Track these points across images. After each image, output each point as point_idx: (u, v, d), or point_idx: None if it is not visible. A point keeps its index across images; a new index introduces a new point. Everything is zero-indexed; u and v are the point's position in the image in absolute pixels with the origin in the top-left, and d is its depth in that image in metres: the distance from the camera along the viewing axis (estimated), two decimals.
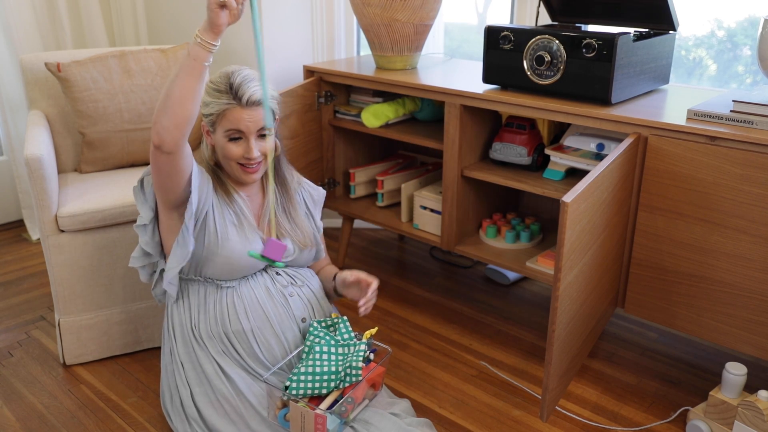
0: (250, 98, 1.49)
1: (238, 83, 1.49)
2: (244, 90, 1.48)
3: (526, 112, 1.87)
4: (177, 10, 2.90)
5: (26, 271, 2.59)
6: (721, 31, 2.21)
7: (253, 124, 1.51)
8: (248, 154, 1.52)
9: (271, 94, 1.55)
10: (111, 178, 2.10)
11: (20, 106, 2.83)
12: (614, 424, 1.76)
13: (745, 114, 1.57)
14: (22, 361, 2.02)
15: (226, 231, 1.55)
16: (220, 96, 1.50)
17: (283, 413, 1.45)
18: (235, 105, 1.49)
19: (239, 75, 1.51)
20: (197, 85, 1.35)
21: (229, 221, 1.56)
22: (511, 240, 2.14)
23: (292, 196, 1.69)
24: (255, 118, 1.51)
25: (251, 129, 1.51)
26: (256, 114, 1.51)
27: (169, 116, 1.35)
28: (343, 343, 1.53)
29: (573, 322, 1.63)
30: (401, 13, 2.18)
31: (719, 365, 1.98)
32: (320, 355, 1.48)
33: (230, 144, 1.53)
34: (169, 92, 1.35)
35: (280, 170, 1.68)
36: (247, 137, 1.52)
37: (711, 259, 1.65)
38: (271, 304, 1.57)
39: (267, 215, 1.63)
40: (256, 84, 1.51)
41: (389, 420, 1.46)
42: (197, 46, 1.33)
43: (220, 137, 1.53)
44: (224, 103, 1.49)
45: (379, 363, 1.52)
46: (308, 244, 1.67)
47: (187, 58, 1.34)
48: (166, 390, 1.64)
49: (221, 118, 1.51)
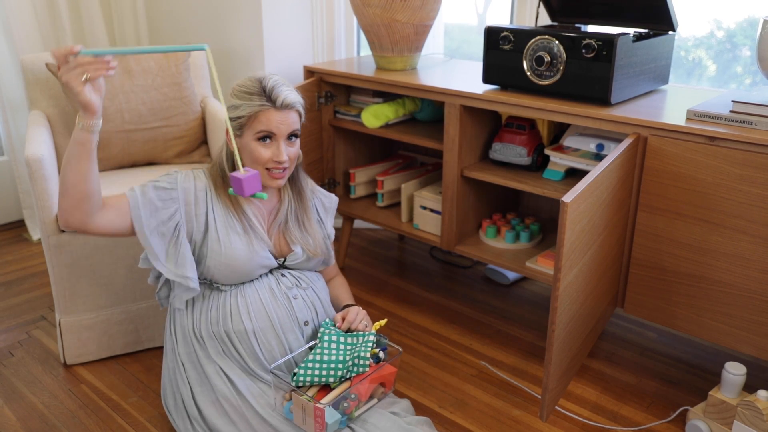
0: (284, 101, 1.50)
1: (271, 86, 1.50)
2: (278, 93, 1.50)
3: (526, 112, 1.87)
4: (177, 9, 2.90)
5: (27, 271, 2.59)
6: (721, 31, 2.22)
7: (285, 126, 1.51)
8: (278, 157, 1.51)
9: (302, 100, 1.57)
10: (111, 179, 2.10)
11: (21, 107, 2.83)
12: (614, 423, 1.76)
13: (745, 114, 1.57)
14: (23, 360, 2.02)
15: (229, 240, 1.54)
16: (252, 98, 1.49)
17: (289, 405, 1.46)
18: (268, 107, 1.49)
19: (271, 79, 1.52)
20: (90, 165, 1.39)
21: (232, 230, 1.55)
22: (511, 240, 2.14)
23: (307, 204, 1.69)
24: (288, 121, 1.52)
25: (283, 132, 1.51)
26: (288, 117, 1.52)
27: (68, 199, 1.41)
28: (351, 334, 1.54)
29: (573, 322, 1.63)
30: (401, 13, 2.18)
31: (718, 365, 1.98)
32: (328, 344, 1.49)
33: (260, 147, 1.51)
34: (63, 179, 1.39)
35: (297, 178, 1.67)
36: (277, 140, 1.52)
37: (710, 259, 1.66)
38: (275, 305, 1.58)
39: (279, 222, 1.63)
40: (287, 88, 1.53)
41: (389, 419, 1.46)
42: (81, 132, 1.35)
43: (249, 140, 1.52)
44: (257, 105, 1.49)
45: (388, 361, 1.52)
46: (318, 253, 1.66)
47: (74, 144, 1.36)
48: (167, 388, 1.64)
49: (252, 120, 1.50)
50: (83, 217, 1.43)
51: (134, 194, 1.50)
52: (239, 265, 1.54)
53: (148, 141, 2.20)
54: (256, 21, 2.57)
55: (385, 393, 1.55)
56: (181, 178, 1.55)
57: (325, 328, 1.57)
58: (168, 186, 1.53)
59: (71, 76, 1.28)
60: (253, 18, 2.58)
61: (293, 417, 1.45)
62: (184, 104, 2.23)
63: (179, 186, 1.54)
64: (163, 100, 2.19)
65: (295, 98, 1.54)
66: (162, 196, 1.52)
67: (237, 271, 1.55)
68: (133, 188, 1.51)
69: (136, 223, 1.49)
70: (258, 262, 1.56)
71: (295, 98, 1.53)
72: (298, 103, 1.55)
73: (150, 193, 1.51)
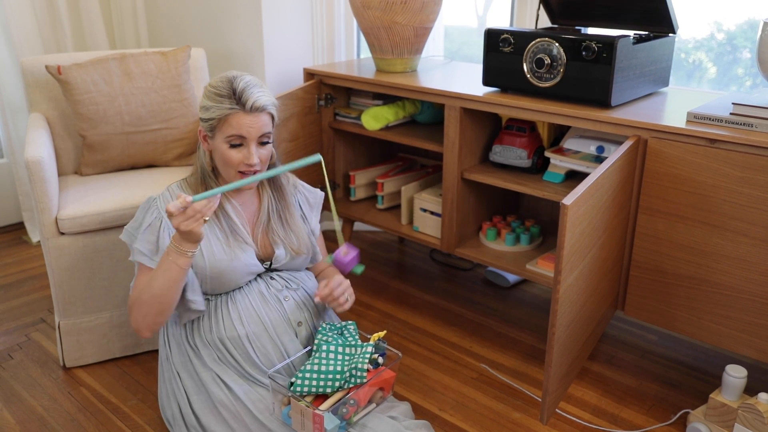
0: (254, 104, 1.47)
1: (241, 88, 1.47)
2: (248, 95, 1.47)
3: (526, 114, 1.87)
4: (177, 12, 2.90)
5: (26, 274, 2.59)
6: (721, 33, 2.22)
7: (255, 130, 1.49)
8: (248, 160, 1.50)
9: (275, 102, 1.54)
10: (111, 181, 2.10)
11: (21, 109, 2.83)
12: (614, 426, 1.76)
13: (745, 117, 1.57)
14: (22, 363, 2.02)
15: (213, 253, 1.53)
16: (222, 101, 1.47)
17: (287, 410, 1.45)
18: (238, 110, 1.47)
19: (242, 80, 1.49)
20: (182, 279, 1.44)
21: (215, 239, 1.54)
22: (511, 242, 2.14)
23: (288, 201, 1.67)
24: (257, 124, 1.49)
25: (253, 135, 1.49)
26: (258, 120, 1.49)
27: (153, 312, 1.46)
28: (350, 344, 1.54)
29: (573, 325, 1.63)
30: (401, 15, 2.18)
31: (719, 368, 1.98)
32: (326, 354, 1.48)
33: (230, 150, 1.50)
34: (152, 293, 1.44)
35: (275, 176, 1.66)
36: (248, 143, 1.50)
37: (711, 261, 1.65)
38: (266, 308, 1.57)
39: (262, 223, 1.62)
40: (259, 89, 1.50)
41: (387, 423, 1.45)
42: (179, 255, 1.40)
43: (219, 143, 1.51)
44: (227, 108, 1.47)
45: (387, 367, 1.52)
46: (302, 251, 1.65)
47: (168, 263, 1.41)
48: (164, 397, 1.64)
49: (222, 123, 1.48)
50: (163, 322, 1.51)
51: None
52: (225, 276, 1.54)
53: (148, 143, 2.20)
54: (256, 23, 2.57)
55: (384, 397, 1.54)
56: (162, 206, 1.54)
57: (323, 335, 1.56)
58: (155, 219, 1.53)
59: (193, 224, 1.35)
60: (253, 20, 2.58)
61: (291, 422, 1.44)
62: (184, 106, 2.23)
63: (164, 215, 1.53)
64: (162, 103, 2.19)
65: (267, 100, 1.51)
66: (155, 234, 1.52)
67: (223, 281, 1.55)
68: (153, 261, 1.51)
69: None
70: (243, 270, 1.55)
71: (266, 101, 1.50)
72: (269, 105, 1.51)
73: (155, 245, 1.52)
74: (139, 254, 1.51)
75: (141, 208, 1.57)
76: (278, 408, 1.47)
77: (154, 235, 1.52)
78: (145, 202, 1.57)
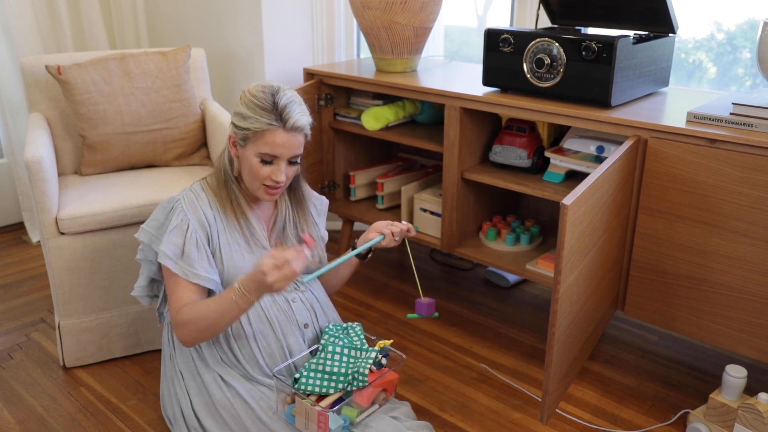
0: (294, 124, 1.45)
1: (283, 105, 1.44)
2: (289, 114, 1.44)
3: (526, 114, 1.87)
4: (177, 12, 2.90)
5: (26, 274, 2.59)
6: (721, 33, 2.22)
7: (288, 150, 1.47)
8: (276, 177, 1.48)
9: (311, 121, 1.52)
10: (111, 181, 2.10)
11: (21, 109, 2.83)
12: (614, 426, 1.76)
13: (745, 117, 1.57)
14: (22, 363, 2.02)
15: (232, 259, 1.53)
16: (262, 114, 1.44)
17: (290, 408, 1.45)
18: (277, 127, 1.44)
19: (285, 96, 1.46)
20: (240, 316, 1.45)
21: (235, 247, 1.54)
22: (511, 242, 2.14)
23: (306, 212, 1.68)
24: (293, 144, 1.47)
25: (286, 155, 1.47)
26: (294, 140, 1.47)
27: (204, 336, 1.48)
28: (355, 347, 1.54)
29: (573, 325, 1.63)
30: (401, 15, 2.18)
31: (719, 368, 1.98)
32: (332, 355, 1.48)
33: (260, 165, 1.48)
34: (208, 324, 1.44)
35: (297, 187, 1.65)
36: (279, 162, 1.48)
37: (711, 261, 1.65)
38: (274, 309, 1.57)
39: (278, 229, 1.62)
40: (300, 107, 1.48)
41: (389, 423, 1.45)
42: (245, 301, 1.39)
43: (250, 155, 1.48)
44: (266, 123, 1.44)
45: (391, 369, 1.52)
46: (314, 262, 1.66)
47: (230, 303, 1.40)
48: (166, 397, 1.64)
49: (258, 137, 1.45)
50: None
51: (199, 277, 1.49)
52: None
53: (148, 143, 2.20)
54: (256, 23, 2.57)
55: (387, 399, 1.55)
56: (188, 207, 1.51)
57: (330, 335, 1.56)
58: (181, 221, 1.50)
59: (285, 284, 1.34)
60: (253, 20, 2.58)
61: (295, 421, 1.44)
62: (184, 106, 2.23)
63: (190, 217, 1.51)
64: (163, 103, 2.19)
65: (306, 120, 1.49)
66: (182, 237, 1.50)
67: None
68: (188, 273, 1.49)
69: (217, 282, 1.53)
70: None
71: (305, 121, 1.48)
72: (307, 125, 1.50)
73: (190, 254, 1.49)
74: (165, 257, 1.48)
75: (162, 208, 1.55)
76: (281, 407, 1.48)
77: (180, 239, 1.49)
78: (167, 202, 1.55)
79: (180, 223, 1.50)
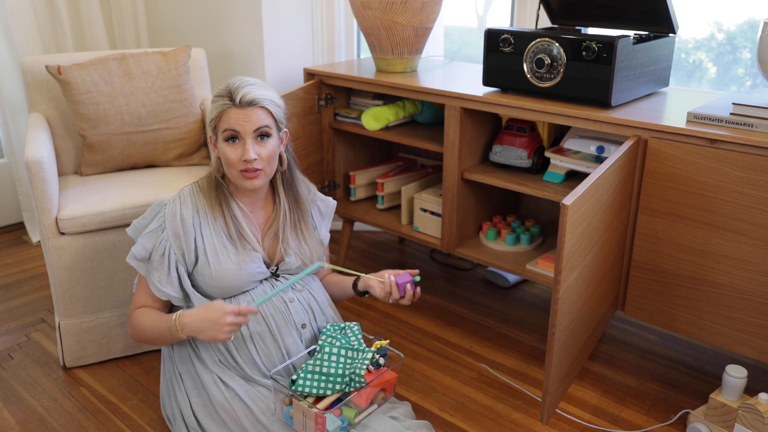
0: (243, 98, 1.48)
1: (235, 86, 1.50)
2: (239, 91, 1.49)
3: (526, 114, 1.87)
4: (177, 12, 2.90)
5: (26, 274, 2.59)
6: (721, 33, 2.22)
7: (248, 124, 1.49)
8: (245, 156, 1.49)
9: (273, 99, 1.55)
10: (111, 181, 2.10)
11: (21, 109, 2.83)
12: (615, 426, 1.76)
13: (745, 117, 1.57)
14: (23, 363, 2.02)
15: (219, 262, 1.54)
16: (218, 100, 1.52)
17: (288, 410, 1.45)
18: (230, 105, 1.50)
19: (239, 80, 1.52)
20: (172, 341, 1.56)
21: (221, 246, 1.55)
22: (511, 242, 2.14)
23: (305, 212, 1.67)
24: (250, 118, 1.49)
25: (247, 129, 1.49)
26: (251, 114, 1.49)
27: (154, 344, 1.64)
28: (352, 347, 1.54)
29: (573, 325, 1.63)
30: (401, 16, 2.18)
31: (719, 368, 1.98)
32: (329, 356, 1.48)
33: (228, 147, 1.51)
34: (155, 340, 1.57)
35: (293, 184, 1.65)
36: (243, 138, 1.50)
37: (711, 261, 1.65)
38: (271, 309, 1.57)
39: (273, 231, 1.62)
40: (251, 86, 1.51)
41: (388, 423, 1.45)
42: (175, 336, 1.49)
43: (221, 143, 1.52)
44: (220, 105, 1.51)
45: (389, 368, 1.52)
46: (313, 262, 1.65)
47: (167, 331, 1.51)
48: (165, 397, 1.64)
49: (219, 121, 1.51)
50: None
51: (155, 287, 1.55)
52: (230, 283, 1.54)
53: (148, 143, 2.20)
54: (256, 23, 2.57)
55: (385, 398, 1.54)
56: (169, 214, 1.55)
57: (327, 336, 1.56)
58: (158, 227, 1.55)
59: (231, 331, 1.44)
60: (253, 20, 2.58)
61: (293, 422, 1.44)
62: (184, 106, 2.23)
63: (168, 225, 1.54)
64: (162, 103, 2.19)
65: (260, 95, 1.50)
66: (153, 242, 1.55)
67: (229, 287, 1.55)
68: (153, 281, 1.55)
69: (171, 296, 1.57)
70: (248, 278, 1.56)
71: (259, 95, 1.50)
72: (264, 100, 1.51)
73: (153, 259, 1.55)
74: (131, 257, 1.56)
75: (152, 208, 1.59)
76: (280, 408, 1.48)
77: (151, 243, 1.54)
78: (156, 204, 1.59)
79: (156, 229, 1.55)
